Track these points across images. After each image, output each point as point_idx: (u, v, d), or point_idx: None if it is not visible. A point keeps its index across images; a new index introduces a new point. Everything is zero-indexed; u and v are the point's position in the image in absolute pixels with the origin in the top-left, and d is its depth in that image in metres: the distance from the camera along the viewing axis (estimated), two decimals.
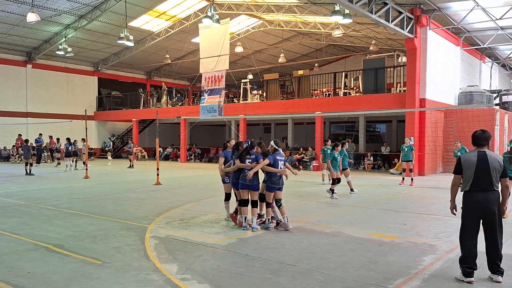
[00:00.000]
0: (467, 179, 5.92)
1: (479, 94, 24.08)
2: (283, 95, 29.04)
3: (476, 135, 6.09)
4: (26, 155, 22.51)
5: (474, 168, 5.87)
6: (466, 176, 5.94)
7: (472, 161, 5.91)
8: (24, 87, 33.50)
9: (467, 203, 5.90)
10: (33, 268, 6.37)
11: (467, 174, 5.92)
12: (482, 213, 5.82)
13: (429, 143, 21.52)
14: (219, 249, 7.36)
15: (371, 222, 9.74)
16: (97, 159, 36.13)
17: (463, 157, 6.05)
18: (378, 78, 24.23)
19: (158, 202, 12.56)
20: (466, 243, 5.88)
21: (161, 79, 41.45)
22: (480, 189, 5.84)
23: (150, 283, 5.73)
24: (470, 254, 5.81)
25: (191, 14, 28.73)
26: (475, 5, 20.29)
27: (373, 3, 18.05)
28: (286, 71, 39.22)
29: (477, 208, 5.82)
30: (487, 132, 6.10)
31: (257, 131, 39.65)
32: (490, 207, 5.77)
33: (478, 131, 6.12)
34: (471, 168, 5.89)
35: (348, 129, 35.04)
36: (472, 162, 5.90)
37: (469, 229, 5.89)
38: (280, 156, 9.07)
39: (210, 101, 27.43)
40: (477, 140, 6.07)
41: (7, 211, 11.04)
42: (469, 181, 5.89)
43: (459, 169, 6.03)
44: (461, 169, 6.00)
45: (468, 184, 5.91)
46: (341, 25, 26.54)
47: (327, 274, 6.13)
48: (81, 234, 8.54)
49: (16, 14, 25.69)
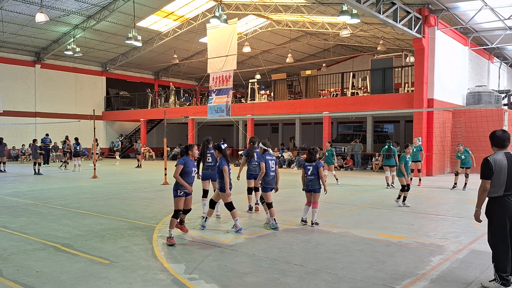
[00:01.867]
0: (499, 183, 5.47)
1: (487, 94, 23.97)
2: (291, 95, 29.02)
3: (498, 136, 5.65)
4: (34, 155, 22.65)
5: (506, 171, 5.46)
6: (498, 180, 5.47)
7: (503, 164, 5.48)
8: (33, 87, 33.68)
9: (501, 209, 5.49)
10: (41, 267, 6.40)
11: (500, 178, 5.46)
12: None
13: (437, 144, 21.44)
14: (226, 249, 7.37)
15: (379, 223, 9.71)
16: (105, 159, 36.25)
17: (494, 160, 5.51)
18: (386, 78, 24.15)
19: (166, 202, 12.58)
20: (502, 249, 5.52)
21: (169, 79, 41.58)
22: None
23: (157, 283, 5.75)
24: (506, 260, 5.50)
25: (199, 14, 28.79)
26: (484, 5, 20.20)
27: (381, 3, 18.00)
28: (294, 71, 39.22)
29: (510, 213, 5.48)
30: (507, 132, 5.73)
31: (264, 131, 39.67)
32: None
33: (499, 131, 5.70)
34: (504, 171, 5.46)
35: (356, 129, 34.97)
36: (504, 165, 5.48)
37: (505, 235, 5.50)
38: (270, 156, 9.24)
39: (218, 101, 27.46)
40: (500, 141, 5.63)
41: (16, 211, 11.11)
42: (503, 185, 5.46)
43: (490, 173, 5.49)
44: (492, 173, 5.48)
45: (501, 189, 5.48)
46: (349, 25, 26.51)
47: (334, 274, 6.13)
48: (89, 233, 8.58)
49: (25, 14, 25.83)
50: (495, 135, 5.67)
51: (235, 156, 34.57)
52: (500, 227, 5.51)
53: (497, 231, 5.55)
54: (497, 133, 5.67)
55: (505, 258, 5.50)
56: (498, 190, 5.49)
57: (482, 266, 6.52)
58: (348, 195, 14.02)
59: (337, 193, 15.00)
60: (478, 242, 7.98)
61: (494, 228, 5.59)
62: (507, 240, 5.50)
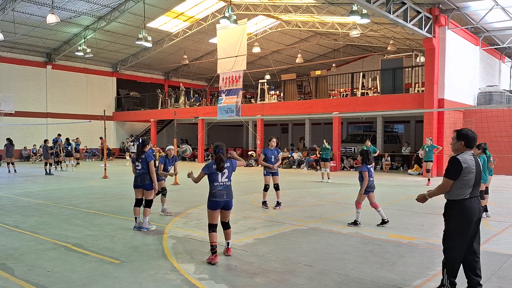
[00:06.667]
0: (467, 185, 5.18)
1: (498, 94, 23.81)
2: (301, 96, 28.99)
3: (470, 136, 5.32)
4: (45, 155, 22.81)
5: (475, 173, 5.21)
6: (465, 182, 5.17)
7: (471, 165, 5.20)
8: (44, 88, 33.93)
9: (467, 212, 5.19)
10: (52, 267, 6.45)
11: (468, 179, 5.17)
12: (477, 222, 5.31)
13: (448, 144, 21.28)
14: (236, 249, 7.37)
15: (389, 223, 9.68)
16: (115, 159, 36.43)
17: (463, 160, 5.18)
18: (396, 78, 24.06)
19: (176, 202, 12.62)
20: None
21: (179, 80, 41.69)
22: (476, 196, 5.29)
23: (167, 283, 5.77)
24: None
25: (209, 14, 28.85)
26: (495, 4, 20.06)
27: (391, 3, 17.93)
28: (304, 72, 39.13)
29: (475, 216, 5.24)
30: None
31: (274, 131, 39.64)
32: (481, 214, 5.32)
33: (469, 131, 5.38)
34: (472, 173, 5.19)
35: (366, 130, 34.85)
36: (472, 166, 5.20)
37: (465, 242, 5.24)
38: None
39: (228, 101, 27.46)
40: (473, 141, 5.34)
41: (27, 211, 11.19)
42: (470, 187, 5.19)
43: (457, 175, 5.18)
44: (459, 174, 5.17)
45: (467, 191, 5.19)
46: (359, 25, 26.41)
47: (344, 275, 6.12)
48: (100, 233, 8.64)
49: (36, 15, 26.02)
50: (466, 134, 5.34)
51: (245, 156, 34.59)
52: (462, 231, 5.23)
53: (457, 235, 5.24)
54: (468, 133, 5.34)
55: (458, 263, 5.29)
56: (464, 192, 5.20)
57: (493, 267, 6.49)
58: (353, 196, 13.95)
59: (347, 193, 14.98)
60: (489, 243, 7.93)
61: (455, 233, 5.26)
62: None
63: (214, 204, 6.74)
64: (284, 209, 11.60)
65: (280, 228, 9.17)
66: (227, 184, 6.80)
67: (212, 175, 6.77)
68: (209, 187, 6.78)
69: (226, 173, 6.83)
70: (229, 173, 6.88)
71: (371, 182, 9.56)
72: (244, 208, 11.60)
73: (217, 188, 6.71)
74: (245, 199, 13.48)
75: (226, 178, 6.82)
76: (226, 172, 6.83)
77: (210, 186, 6.77)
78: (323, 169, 19.64)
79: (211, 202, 6.76)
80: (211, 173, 6.78)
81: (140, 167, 8.93)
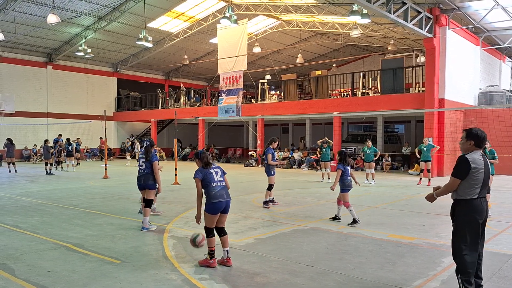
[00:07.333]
0: (475, 185, 5.10)
1: (499, 94, 23.79)
2: (301, 96, 28.99)
3: (480, 135, 5.28)
4: (46, 155, 22.81)
5: (483, 173, 5.12)
6: (474, 181, 5.09)
7: (480, 164, 5.12)
8: (45, 88, 33.94)
9: (475, 211, 5.13)
10: (53, 267, 6.45)
11: (476, 179, 5.09)
12: (483, 223, 5.28)
13: (448, 144, 21.31)
14: (237, 249, 7.38)
15: (389, 223, 9.68)
16: (116, 159, 36.44)
17: (472, 160, 5.12)
18: (396, 78, 24.06)
19: (176, 202, 12.64)
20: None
21: (180, 80, 41.69)
22: (483, 196, 5.22)
23: (168, 283, 5.78)
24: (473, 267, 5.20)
25: (209, 15, 28.86)
26: (495, 4, 20.05)
27: (391, 3, 17.93)
28: (304, 72, 39.12)
29: (482, 218, 5.20)
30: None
31: (275, 131, 39.65)
32: (487, 215, 5.29)
33: (479, 130, 5.33)
34: (481, 172, 5.11)
35: (366, 130, 34.86)
36: (481, 166, 5.12)
37: (475, 242, 5.20)
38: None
39: (228, 101, 27.46)
40: (483, 141, 5.29)
41: (28, 211, 11.20)
42: (478, 187, 5.12)
43: (464, 174, 5.11)
44: (467, 174, 5.10)
45: (476, 191, 5.12)
46: (359, 25, 26.41)
47: (345, 275, 6.12)
48: (100, 233, 8.64)
49: (36, 15, 26.02)
50: (476, 134, 5.30)
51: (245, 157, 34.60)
52: (471, 232, 5.17)
53: (465, 236, 5.17)
54: (478, 132, 5.32)
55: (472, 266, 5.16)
56: (472, 192, 5.13)
57: (493, 267, 6.49)
58: (357, 195, 13.97)
59: None
60: (489, 243, 7.92)
61: (463, 233, 5.19)
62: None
63: (215, 206, 6.42)
64: (285, 209, 11.60)
65: (281, 228, 9.18)
66: (223, 185, 6.61)
67: (207, 177, 6.52)
68: (207, 192, 6.48)
69: (219, 172, 6.67)
70: (222, 172, 6.72)
71: (349, 181, 9.84)
72: (244, 208, 11.61)
73: (216, 188, 6.46)
74: (245, 199, 13.49)
75: (221, 177, 6.65)
76: (218, 171, 6.67)
77: (208, 190, 6.47)
78: (324, 169, 19.68)
79: (212, 205, 6.39)
80: (205, 175, 6.52)
81: (144, 167, 9.05)
